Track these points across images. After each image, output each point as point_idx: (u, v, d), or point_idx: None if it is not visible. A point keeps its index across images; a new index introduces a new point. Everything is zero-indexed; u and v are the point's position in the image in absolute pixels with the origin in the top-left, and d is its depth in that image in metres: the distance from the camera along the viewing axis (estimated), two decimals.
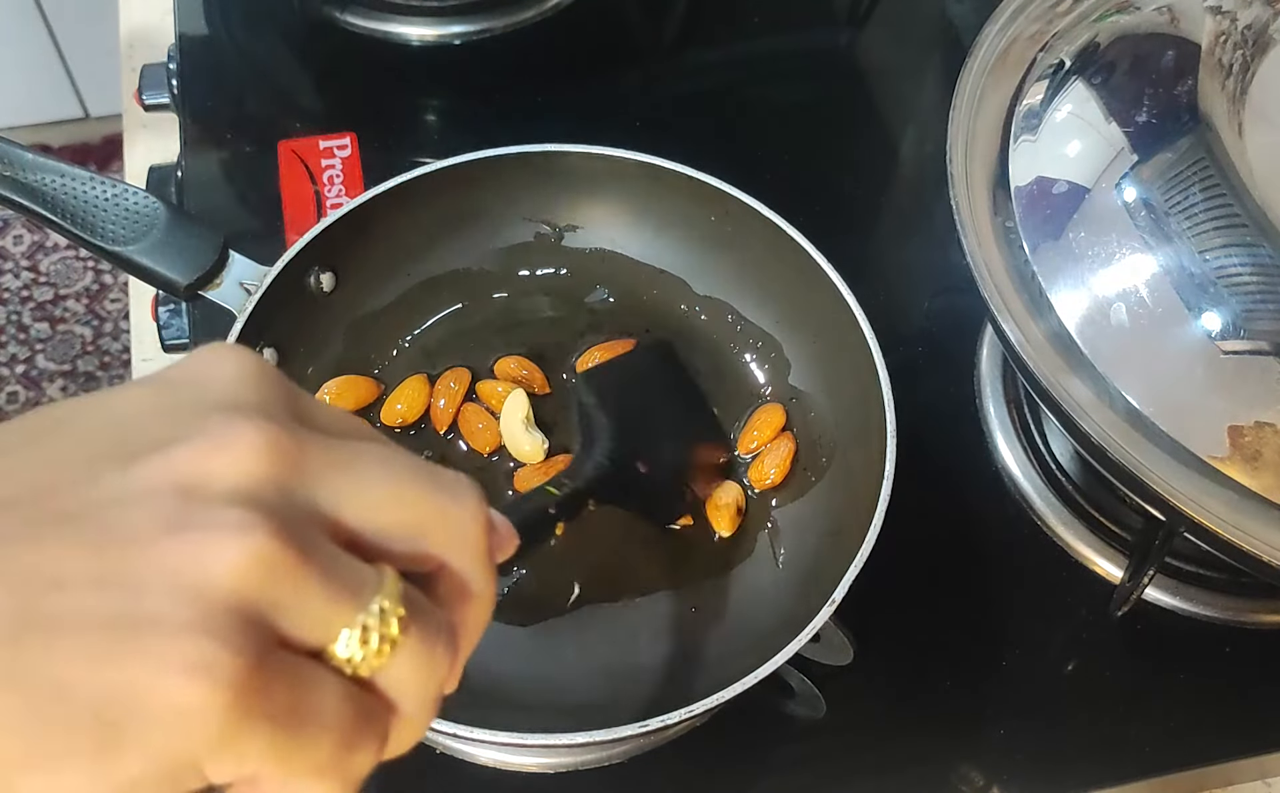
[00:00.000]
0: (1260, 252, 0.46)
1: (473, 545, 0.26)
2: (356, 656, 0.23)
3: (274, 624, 0.22)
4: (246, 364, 0.25)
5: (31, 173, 0.52)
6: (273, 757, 0.22)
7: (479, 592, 0.26)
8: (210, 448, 0.22)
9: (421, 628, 0.24)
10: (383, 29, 0.73)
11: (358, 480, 0.24)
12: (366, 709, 0.24)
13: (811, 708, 0.52)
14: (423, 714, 0.25)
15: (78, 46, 1.57)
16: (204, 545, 0.21)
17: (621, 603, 0.53)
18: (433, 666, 0.25)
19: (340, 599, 0.23)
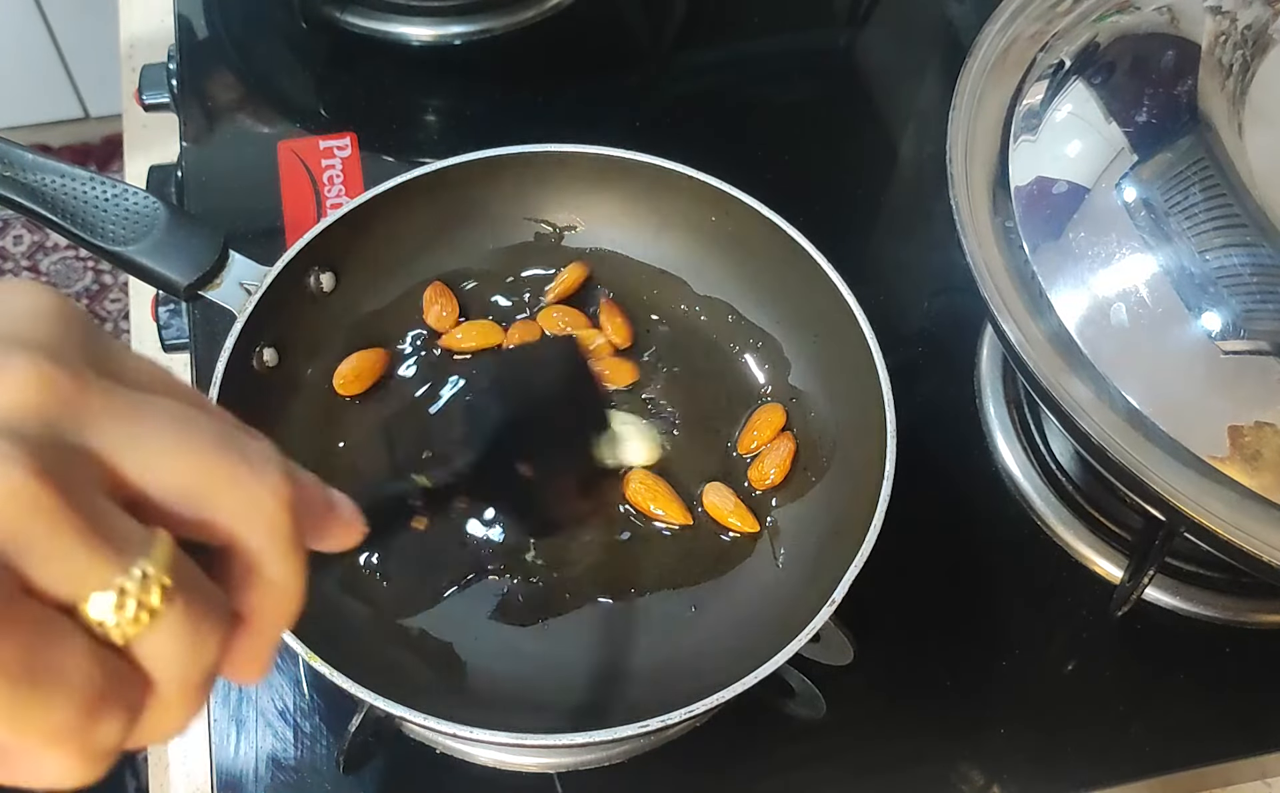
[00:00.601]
0: (1260, 252, 0.46)
1: (268, 522, 0.24)
2: (109, 619, 0.22)
3: (20, 568, 0.21)
4: (44, 302, 0.23)
5: (32, 173, 0.52)
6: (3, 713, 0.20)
7: (275, 577, 0.24)
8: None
9: (188, 603, 0.22)
10: (383, 29, 0.73)
11: (141, 432, 0.23)
12: (115, 677, 0.22)
13: (811, 708, 0.52)
14: (182, 698, 0.23)
15: (78, 46, 1.57)
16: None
17: (622, 603, 0.53)
18: (196, 647, 0.23)
19: (98, 554, 0.21)
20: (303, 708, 0.52)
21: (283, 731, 0.51)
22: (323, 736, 0.51)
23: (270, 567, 0.24)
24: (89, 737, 0.22)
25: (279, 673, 0.52)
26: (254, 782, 0.50)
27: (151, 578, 0.22)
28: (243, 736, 0.51)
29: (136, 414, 0.23)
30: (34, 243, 1.64)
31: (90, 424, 0.22)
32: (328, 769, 0.50)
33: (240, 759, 0.50)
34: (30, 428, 0.21)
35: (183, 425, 0.23)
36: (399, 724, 0.51)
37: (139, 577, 0.22)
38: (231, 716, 0.51)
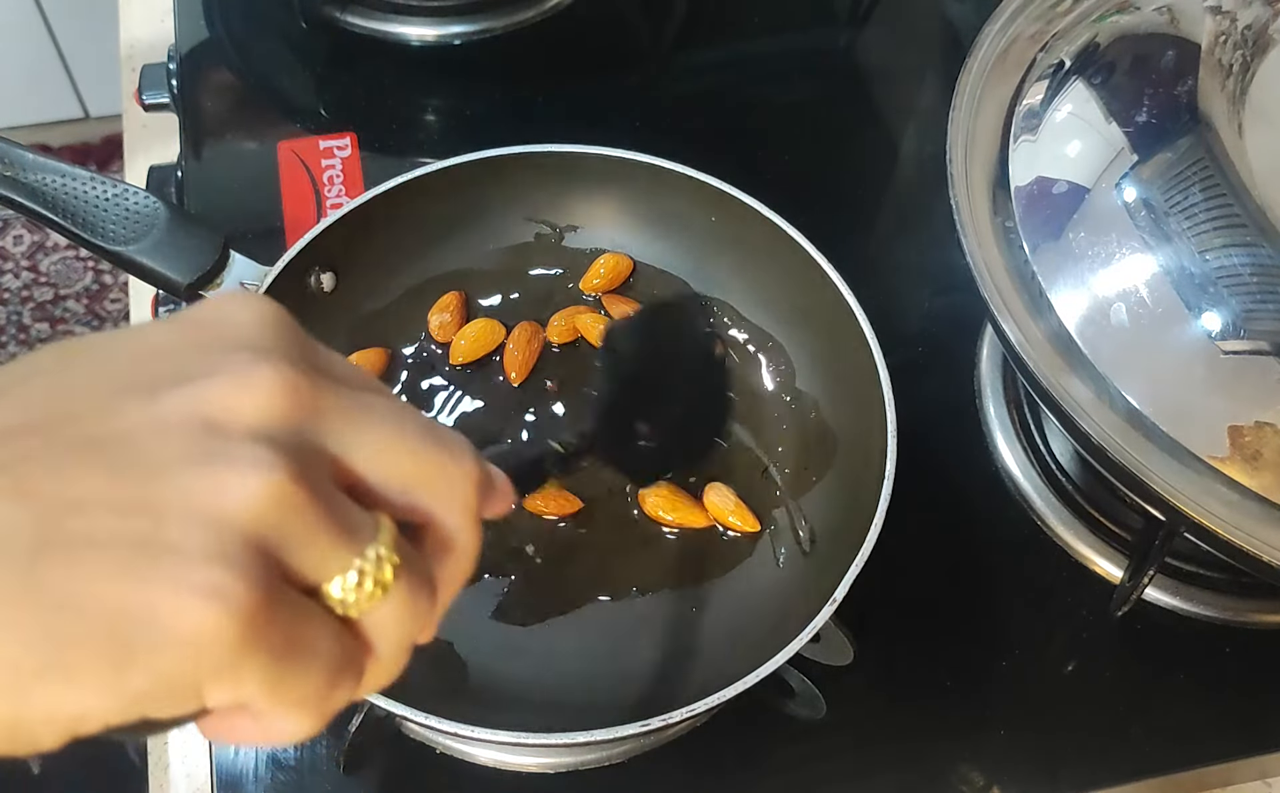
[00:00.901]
0: (1260, 252, 0.46)
1: (464, 503, 0.26)
2: (350, 598, 0.24)
3: (282, 560, 0.23)
4: (267, 310, 0.26)
5: (32, 173, 0.52)
6: (267, 686, 0.23)
7: (463, 548, 0.27)
8: (235, 386, 0.23)
9: (409, 578, 0.25)
10: (383, 29, 0.73)
11: (366, 429, 0.25)
12: (351, 649, 0.25)
13: (811, 708, 0.52)
14: (396, 659, 0.26)
15: (78, 46, 1.57)
16: (226, 478, 0.22)
17: (622, 603, 0.53)
18: (415, 614, 0.25)
19: (342, 542, 0.24)
20: None
21: None
22: (323, 736, 0.51)
23: (461, 540, 0.27)
24: (328, 701, 0.24)
25: None
26: (254, 782, 0.50)
27: (383, 558, 0.24)
28: None
29: (361, 413, 0.25)
30: (34, 243, 1.64)
31: (326, 424, 0.24)
32: (328, 769, 0.50)
33: (240, 759, 0.50)
34: (281, 432, 0.23)
35: (397, 420, 0.25)
36: (399, 724, 0.51)
37: (374, 558, 0.24)
38: None
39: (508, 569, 0.54)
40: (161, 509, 0.22)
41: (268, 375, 0.24)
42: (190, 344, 0.25)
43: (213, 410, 0.23)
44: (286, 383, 0.24)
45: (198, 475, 0.22)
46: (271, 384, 0.24)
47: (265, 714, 0.24)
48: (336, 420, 0.25)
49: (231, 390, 0.23)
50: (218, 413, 0.23)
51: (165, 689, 0.22)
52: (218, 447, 0.23)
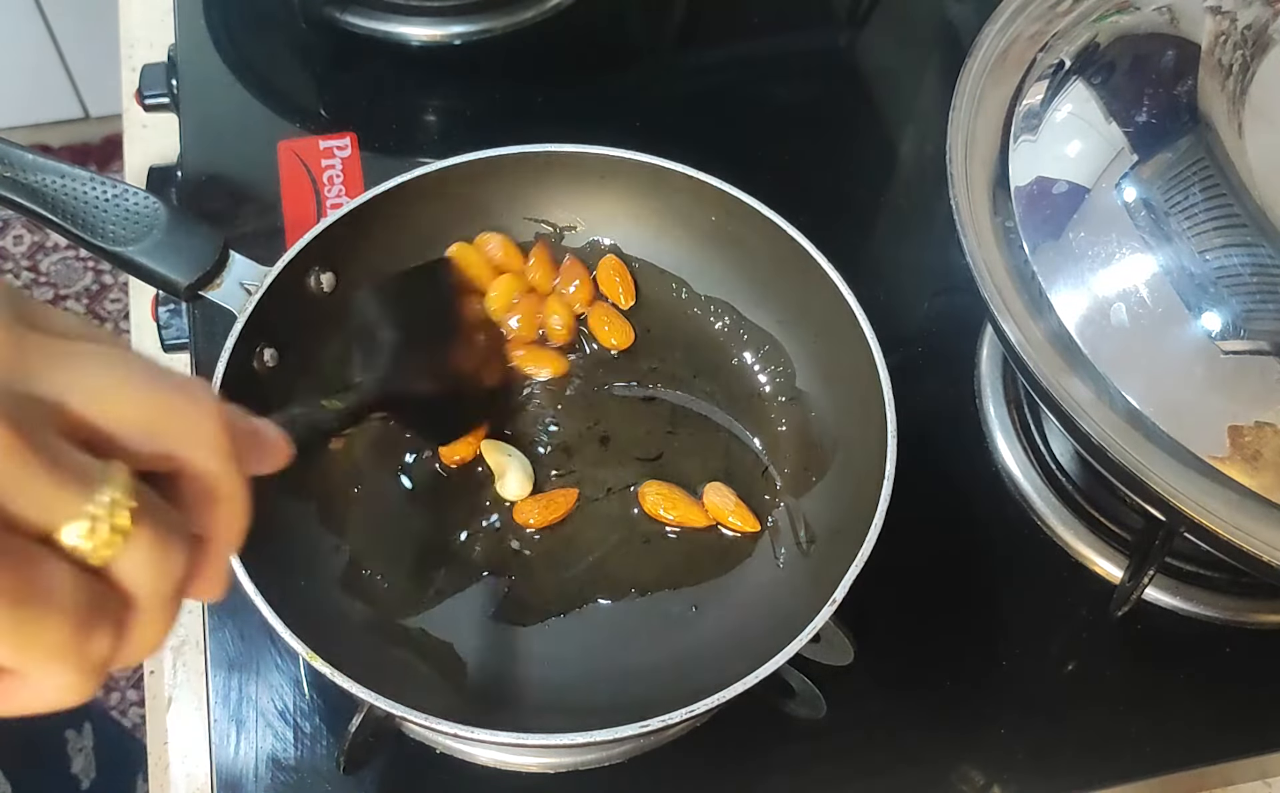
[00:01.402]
0: (1260, 252, 0.46)
1: (211, 442, 0.26)
2: (84, 545, 0.24)
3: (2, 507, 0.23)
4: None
5: (32, 173, 0.52)
6: (5, 634, 0.22)
7: (225, 491, 0.27)
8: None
9: (153, 522, 0.25)
10: (383, 29, 0.73)
11: (81, 374, 0.25)
12: (99, 596, 0.24)
13: (811, 708, 0.52)
14: (160, 611, 0.26)
15: (78, 46, 1.57)
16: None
17: (622, 603, 0.53)
18: (167, 561, 0.25)
19: (66, 486, 0.23)
20: (303, 708, 0.52)
21: (283, 731, 0.51)
22: (323, 736, 0.51)
23: (217, 483, 0.26)
24: (83, 651, 0.24)
25: (279, 673, 0.52)
26: (254, 782, 0.50)
27: (118, 502, 0.24)
28: (243, 736, 0.51)
29: (74, 359, 0.25)
30: (34, 243, 1.64)
31: (34, 372, 0.24)
32: (328, 769, 0.50)
33: (240, 759, 0.50)
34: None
35: (118, 365, 0.25)
36: (399, 724, 0.51)
37: (106, 503, 0.24)
38: (231, 716, 0.51)
39: (507, 569, 0.54)
40: None
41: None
42: None
43: None
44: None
45: None
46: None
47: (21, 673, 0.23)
48: (47, 368, 0.24)
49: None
50: None
51: None
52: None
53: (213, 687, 0.52)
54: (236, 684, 0.52)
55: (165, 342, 0.62)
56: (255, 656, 0.53)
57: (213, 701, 0.51)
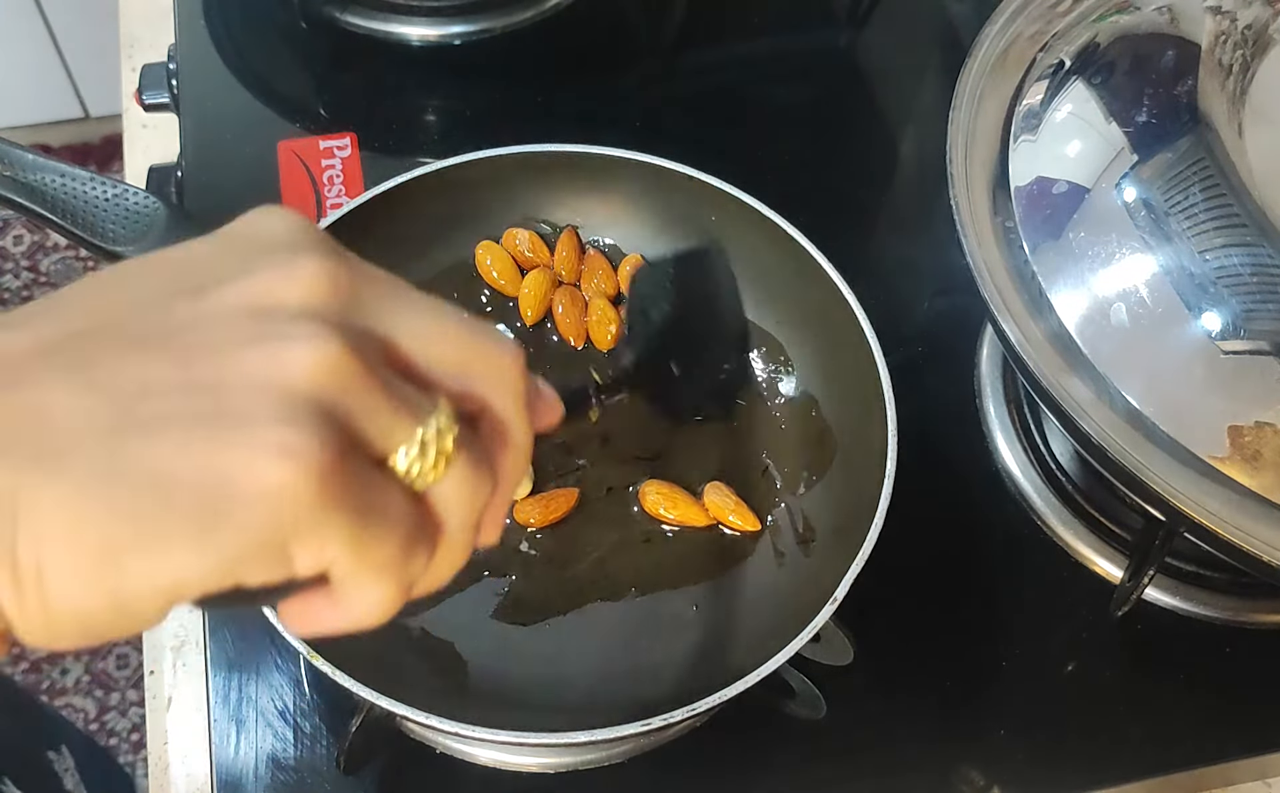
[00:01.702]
0: (1260, 252, 0.46)
1: (513, 389, 0.27)
2: (414, 468, 0.25)
3: (348, 425, 0.24)
4: (297, 218, 0.27)
5: (31, 173, 0.52)
6: (349, 545, 0.24)
7: (517, 440, 0.28)
8: (279, 275, 0.25)
9: (470, 452, 0.26)
10: (383, 29, 0.73)
11: (410, 315, 0.26)
12: (423, 517, 0.26)
13: (811, 708, 0.52)
14: (463, 538, 0.27)
15: (78, 46, 1.57)
16: (283, 351, 0.23)
17: (623, 602, 0.53)
18: (478, 489, 0.26)
19: (402, 412, 0.25)
20: (303, 708, 0.52)
21: (283, 731, 0.51)
22: (323, 736, 0.51)
23: (514, 428, 0.28)
24: (406, 569, 0.25)
25: (279, 673, 0.52)
26: (254, 782, 0.50)
27: (444, 430, 0.25)
28: (243, 736, 0.51)
29: (403, 300, 0.26)
30: (34, 243, 1.64)
31: (370, 309, 0.25)
32: (328, 769, 0.50)
33: (240, 759, 0.50)
34: (331, 314, 0.24)
35: (437, 308, 0.27)
36: (399, 724, 0.51)
37: (434, 430, 0.25)
38: (231, 716, 0.51)
39: (508, 569, 0.54)
40: (226, 386, 0.23)
41: (308, 266, 0.25)
42: (228, 251, 0.26)
43: (259, 299, 0.24)
44: (326, 272, 0.25)
45: (255, 352, 0.23)
46: (313, 273, 0.25)
47: (347, 582, 0.24)
48: (380, 305, 0.26)
49: (276, 280, 0.25)
50: (264, 300, 0.24)
51: (254, 549, 0.23)
52: (270, 329, 0.24)
53: (213, 687, 0.52)
54: (236, 684, 0.52)
55: None
56: (255, 656, 0.53)
57: (213, 701, 0.51)
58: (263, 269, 0.25)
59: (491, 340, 0.27)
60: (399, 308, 0.26)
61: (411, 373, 0.26)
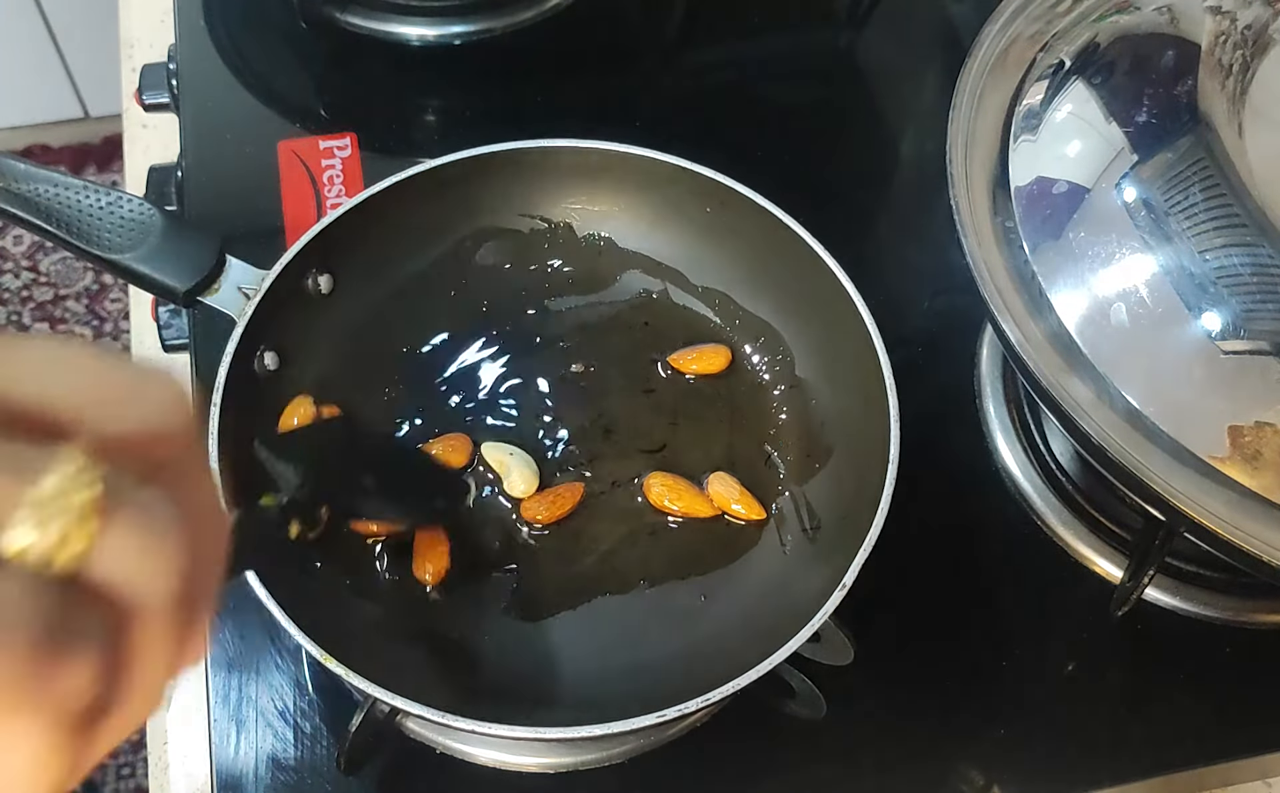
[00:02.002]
0: (1260, 252, 0.46)
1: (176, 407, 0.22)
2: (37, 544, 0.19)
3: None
4: None
5: (25, 182, 0.52)
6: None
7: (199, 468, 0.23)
8: None
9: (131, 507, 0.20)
10: (383, 29, 0.73)
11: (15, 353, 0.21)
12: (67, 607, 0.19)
13: (811, 708, 0.52)
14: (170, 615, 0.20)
15: (78, 46, 1.57)
16: None
17: (631, 595, 0.53)
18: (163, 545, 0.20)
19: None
20: (303, 708, 0.52)
21: (283, 731, 0.51)
22: (323, 736, 0.51)
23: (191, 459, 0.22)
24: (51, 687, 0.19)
25: (279, 673, 0.52)
26: (254, 782, 0.50)
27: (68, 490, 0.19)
28: (243, 736, 0.51)
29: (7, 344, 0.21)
30: (34, 243, 1.64)
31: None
32: (328, 769, 0.50)
33: (240, 759, 0.50)
34: None
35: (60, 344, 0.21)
36: (400, 724, 0.51)
37: (53, 488, 0.19)
38: (231, 716, 0.51)
39: (516, 566, 0.54)
40: None
41: None
42: None
43: None
44: None
45: None
46: None
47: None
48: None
49: None
50: None
51: None
52: None
53: (213, 687, 0.52)
54: (236, 684, 0.52)
55: (165, 342, 0.62)
56: (255, 656, 0.53)
57: (213, 701, 0.51)
58: None
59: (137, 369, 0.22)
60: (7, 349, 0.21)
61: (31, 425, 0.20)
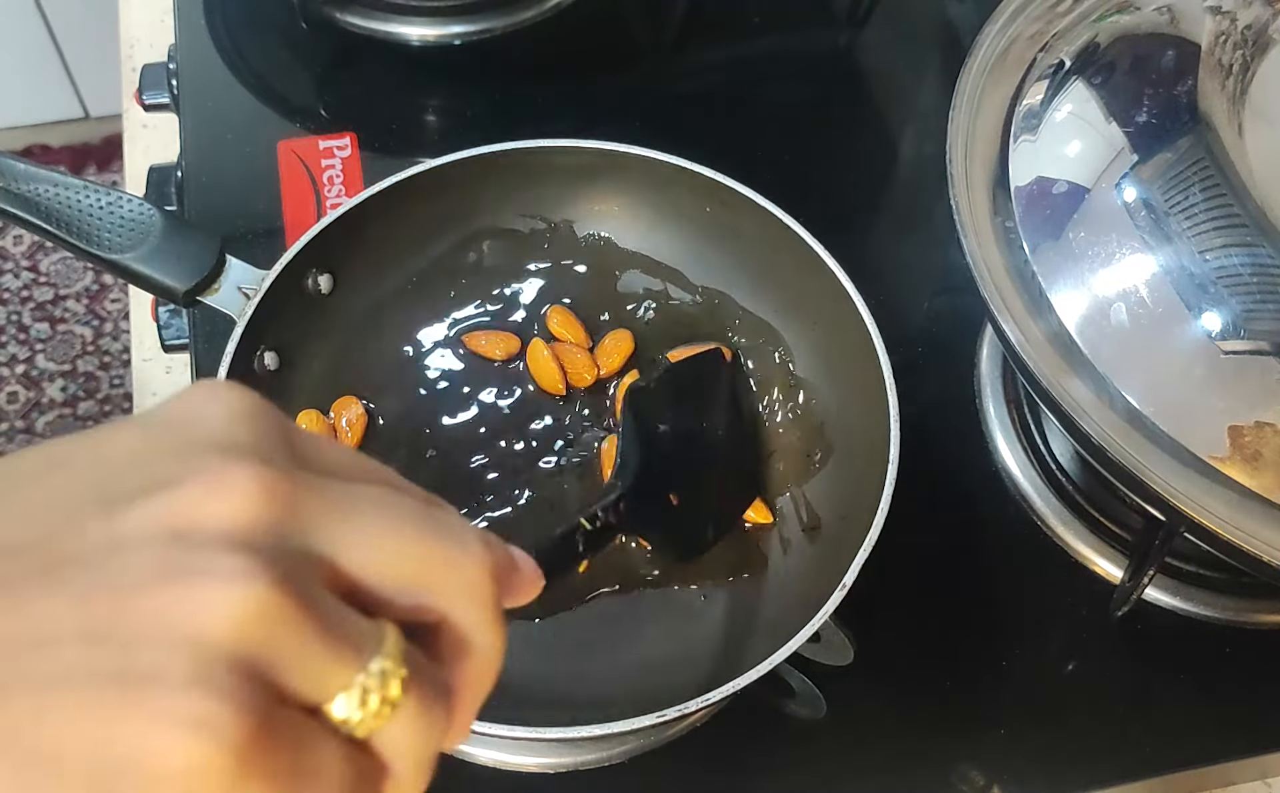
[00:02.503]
0: (1260, 252, 0.46)
1: (479, 599, 0.24)
2: (354, 716, 0.22)
3: (274, 679, 0.21)
4: (240, 402, 0.23)
5: (25, 183, 0.52)
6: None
7: (483, 645, 0.25)
8: (203, 491, 0.21)
9: (421, 691, 0.23)
10: (383, 29, 0.73)
11: (357, 528, 0.23)
12: (362, 770, 0.22)
13: (811, 708, 0.52)
14: (417, 777, 0.24)
15: (78, 46, 1.57)
16: (201, 594, 0.20)
17: (633, 594, 0.53)
18: (430, 729, 0.23)
19: (341, 656, 0.22)
20: None
21: None
22: None
23: (480, 638, 0.24)
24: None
25: None
26: None
27: (389, 672, 0.22)
28: None
29: (349, 509, 0.23)
30: (34, 243, 1.64)
31: (311, 525, 0.22)
32: None
33: None
34: (260, 539, 0.21)
35: (391, 513, 0.23)
36: None
37: (378, 673, 0.22)
38: None
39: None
40: (133, 635, 0.20)
41: (240, 477, 0.21)
42: (157, 449, 0.22)
43: (180, 521, 0.21)
44: (262, 483, 0.22)
45: (169, 593, 0.20)
46: (245, 486, 0.21)
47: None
48: (322, 519, 0.22)
49: (200, 497, 0.21)
50: (186, 523, 0.21)
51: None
52: (189, 560, 0.21)
53: None
54: None
55: (165, 342, 0.62)
56: None
57: None
58: (187, 479, 0.21)
59: (453, 541, 0.24)
60: (346, 519, 0.23)
61: (358, 593, 0.23)
